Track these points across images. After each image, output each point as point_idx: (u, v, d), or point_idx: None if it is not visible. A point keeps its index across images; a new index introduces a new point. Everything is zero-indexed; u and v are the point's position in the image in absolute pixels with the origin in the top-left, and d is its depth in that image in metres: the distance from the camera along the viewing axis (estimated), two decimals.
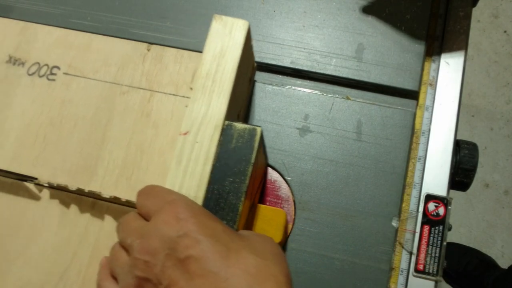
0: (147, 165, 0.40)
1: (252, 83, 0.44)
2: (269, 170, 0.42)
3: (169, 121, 0.42)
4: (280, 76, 0.46)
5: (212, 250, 0.26)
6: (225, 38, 0.37)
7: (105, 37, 0.46)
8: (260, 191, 0.41)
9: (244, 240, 0.28)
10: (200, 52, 0.38)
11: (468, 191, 0.45)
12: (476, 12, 1.28)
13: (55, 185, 0.40)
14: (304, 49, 0.46)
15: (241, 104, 0.41)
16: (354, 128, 0.43)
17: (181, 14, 0.48)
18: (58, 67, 0.45)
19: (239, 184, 0.32)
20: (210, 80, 0.36)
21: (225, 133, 0.34)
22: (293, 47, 0.46)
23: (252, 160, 0.33)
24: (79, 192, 0.40)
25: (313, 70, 0.45)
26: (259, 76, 0.46)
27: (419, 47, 0.45)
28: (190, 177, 0.33)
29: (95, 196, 0.40)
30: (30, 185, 0.41)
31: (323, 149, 0.42)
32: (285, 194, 0.41)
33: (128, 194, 0.40)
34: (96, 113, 0.43)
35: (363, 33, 0.46)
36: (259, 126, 0.34)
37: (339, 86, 0.45)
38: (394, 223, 0.40)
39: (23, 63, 0.45)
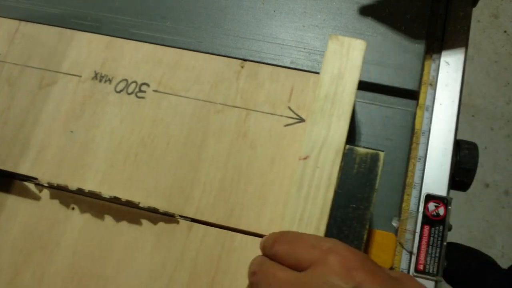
0: (245, 187, 0.39)
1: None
2: None
3: (267, 142, 0.40)
4: None
5: None
6: (343, 58, 0.36)
7: (196, 53, 0.44)
8: None
9: (401, 285, 0.27)
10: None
11: (468, 191, 0.45)
12: (476, 12, 1.28)
13: (55, 185, 0.40)
14: (304, 49, 0.46)
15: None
16: (354, 128, 0.43)
17: (181, 14, 0.48)
18: (147, 84, 0.43)
19: (363, 211, 0.32)
20: (329, 102, 0.35)
21: (347, 157, 0.33)
22: (293, 47, 0.46)
23: (376, 186, 0.32)
24: (79, 192, 0.40)
25: (313, 70, 0.45)
26: None
27: (419, 47, 0.45)
28: (312, 203, 0.32)
29: (94, 196, 0.40)
30: (30, 185, 0.41)
31: None
32: None
33: (226, 217, 0.38)
34: (189, 133, 0.41)
35: (363, 33, 0.46)
36: (382, 151, 0.33)
37: None
38: (394, 223, 0.40)
39: (110, 80, 0.43)
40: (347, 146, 0.34)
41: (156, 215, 0.39)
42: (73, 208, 0.40)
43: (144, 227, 0.39)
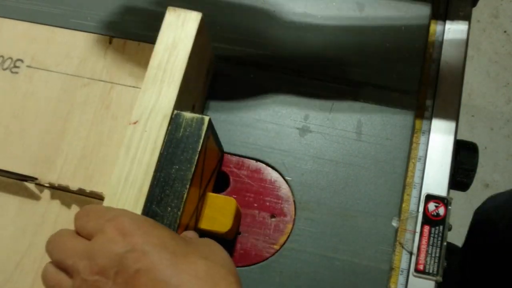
0: (104, 155, 0.42)
1: (211, 75, 0.45)
2: (269, 170, 0.42)
3: (128, 113, 0.43)
4: (280, 76, 0.46)
5: (160, 260, 0.26)
6: (178, 29, 0.38)
7: (68, 30, 0.47)
8: (214, 180, 0.41)
9: (190, 245, 0.29)
10: None
11: (468, 191, 0.45)
12: (476, 12, 1.28)
13: (56, 185, 0.40)
14: (304, 49, 0.46)
15: (196, 96, 0.42)
16: (354, 128, 0.43)
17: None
18: (21, 60, 0.46)
19: (185, 172, 0.33)
20: (161, 70, 0.37)
21: (174, 122, 0.35)
22: (293, 47, 0.46)
23: (199, 149, 0.34)
24: (80, 192, 0.40)
25: (313, 70, 0.45)
26: (259, 76, 0.46)
27: (419, 47, 0.45)
28: (138, 165, 0.34)
29: (96, 197, 0.40)
30: (31, 185, 0.41)
31: (323, 149, 0.42)
32: (285, 194, 0.41)
33: (86, 184, 0.41)
34: (57, 105, 0.44)
35: (363, 33, 0.46)
36: (208, 116, 0.35)
37: (339, 86, 0.45)
38: (394, 223, 0.40)
39: None
40: (175, 111, 0.35)
41: (21, 183, 0.41)
42: None
43: (8, 193, 0.41)
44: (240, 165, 0.42)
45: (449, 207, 0.40)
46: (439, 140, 0.42)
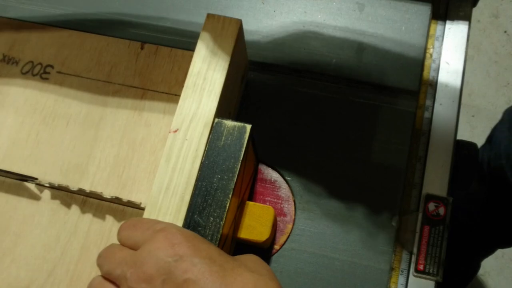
0: (138, 162, 0.41)
1: (245, 81, 0.44)
2: (269, 170, 0.42)
3: (160, 120, 0.42)
4: (280, 75, 0.46)
5: (209, 272, 0.26)
6: (217, 36, 0.37)
7: (98, 36, 0.46)
8: (250, 188, 0.41)
9: (237, 260, 0.29)
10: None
11: None
12: (476, 12, 1.28)
13: (56, 185, 0.40)
14: (304, 49, 0.46)
15: (232, 102, 0.41)
16: (354, 128, 0.43)
17: (181, 14, 0.48)
18: (51, 66, 0.45)
19: (227, 181, 0.33)
20: (201, 78, 0.36)
21: (215, 130, 0.35)
22: (293, 47, 0.46)
23: (241, 158, 0.33)
24: (81, 192, 0.40)
25: (313, 70, 0.45)
26: (259, 76, 0.46)
27: (419, 47, 0.45)
28: (179, 174, 0.34)
29: (96, 197, 0.40)
30: (31, 186, 0.41)
31: (323, 149, 0.42)
32: (285, 194, 0.41)
33: (118, 191, 0.40)
34: (88, 112, 0.43)
35: (363, 33, 0.46)
36: (249, 124, 0.34)
37: (339, 86, 0.45)
38: (394, 223, 0.40)
39: (17, 62, 0.46)
40: (216, 120, 0.35)
41: (54, 190, 0.41)
42: None
43: (42, 201, 0.41)
44: None
45: (449, 207, 0.40)
46: (439, 140, 0.42)
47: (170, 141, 0.34)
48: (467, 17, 0.47)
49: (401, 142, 0.42)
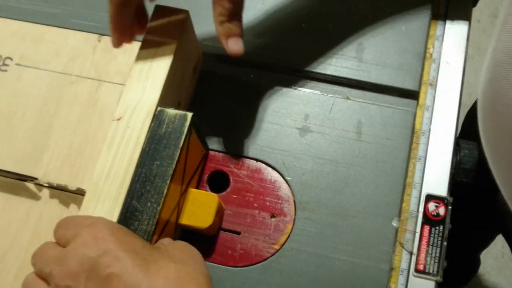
0: (90, 152, 0.42)
1: (198, 73, 0.45)
2: (269, 170, 0.42)
3: (114, 110, 0.42)
4: (280, 76, 0.46)
5: (132, 265, 0.27)
6: (164, 27, 0.38)
7: (57, 28, 0.47)
8: (198, 177, 0.41)
9: (162, 251, 0.30)
10: None
11: None
12: (476, 12, 1.28)
13: (54, 185, 0.40)
14: (304, 49, 0.46)
15: (182, 93, 0.42)
16: (354, 128, 0.43)
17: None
18: (10, 58, 0.46)
19: (166, 167, 0.34)
20: (146, 67, 0.37)
21: (157, 118, 0.35)
22: (293, 47, 0.46)
23: (180, 145, 0.34)
24: (79, 192, 0.40)
25: (313, 70, 0.45)
26: (259, 76, 0.46)
27: (419, 47, 0.45)
28: (120, 161, 0.34)
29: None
30: (30, 185, 0.41)
31: (323, 149, 0.42)
32: (285, 194, 0.41)
33: (70, 180, 0.41)
34: (44, 103, 0.44)
35: (363, 33, 0.46)
36: (191, 112, 0.35)
37: (339, 86, 0.45)
38: (394, 223, 0.40)
39: None
40: (159, 108, 0.36)
41: (6, 179, 0.42)
42: None
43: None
44: (240, 165, 0.42)
45: (449, 207, 0.40)
46: (439, 140, 0.42)
47: (113, 129, 0.35)
48: (467, 17, 0.47)
49: (401, 142, 0.42)
